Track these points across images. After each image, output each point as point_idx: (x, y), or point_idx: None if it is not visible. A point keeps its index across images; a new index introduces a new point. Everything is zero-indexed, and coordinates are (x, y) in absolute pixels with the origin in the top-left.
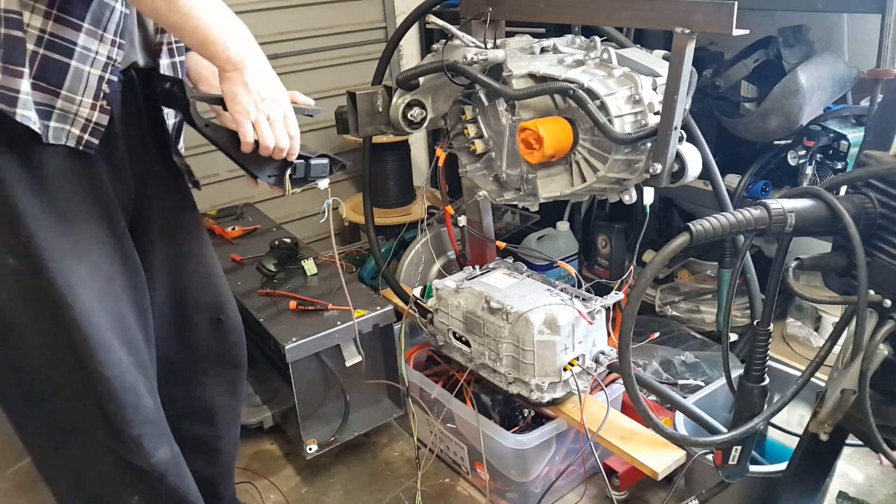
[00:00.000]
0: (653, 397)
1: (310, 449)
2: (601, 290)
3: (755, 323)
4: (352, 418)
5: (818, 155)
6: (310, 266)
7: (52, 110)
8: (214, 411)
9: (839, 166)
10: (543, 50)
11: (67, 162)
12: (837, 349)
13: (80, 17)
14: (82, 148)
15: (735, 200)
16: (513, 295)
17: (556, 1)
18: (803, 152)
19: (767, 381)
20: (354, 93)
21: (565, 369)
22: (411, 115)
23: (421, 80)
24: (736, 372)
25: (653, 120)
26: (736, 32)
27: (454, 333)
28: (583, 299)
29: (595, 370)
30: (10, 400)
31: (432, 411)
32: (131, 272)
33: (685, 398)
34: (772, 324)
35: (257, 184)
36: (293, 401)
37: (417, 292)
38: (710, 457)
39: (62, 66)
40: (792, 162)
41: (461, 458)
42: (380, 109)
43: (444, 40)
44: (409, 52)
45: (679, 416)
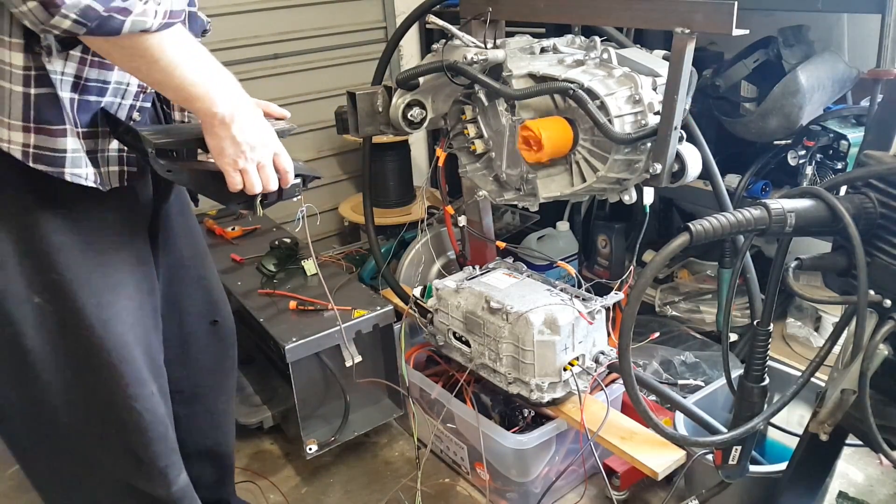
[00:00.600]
0: (653, 397)
1: (310, 449)
2: (601, 290)
3: (755, 323)
4: (352, 418)
5: (818, 155)
6: (310, 266)
7: (97, 154)
8: (217, 420)
9: (839, 166)
10: (543, 50)
11: (97, 192)
12: (837, 349)
13: None
14: (126, 182)
15: (735, 200)
16: (513, 295)
17: (556, 1)
18: (803, 152)
19: (767, 381)
20: (354, 93)
21: (565, 369)
22: (411, 115)
23: (421, 80)
24: (736, 372)
25: (653, 120)
26: (736, 32)
27: (454, 333)
28: (583, 299)
29: (595, 370)
30: (22, 443)
31: (432, 411)
32: (154, 297)
33: (685, 398)
34: (772, 324)
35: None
36: (293, 401)
37: (417, 292)
38: (710, 457)
39: (95, 105)
40: (792, 162)
41: (461, 458)
42: (380, 109)
43: (444, 40)
44: (409, 52)
45: (679, 416)
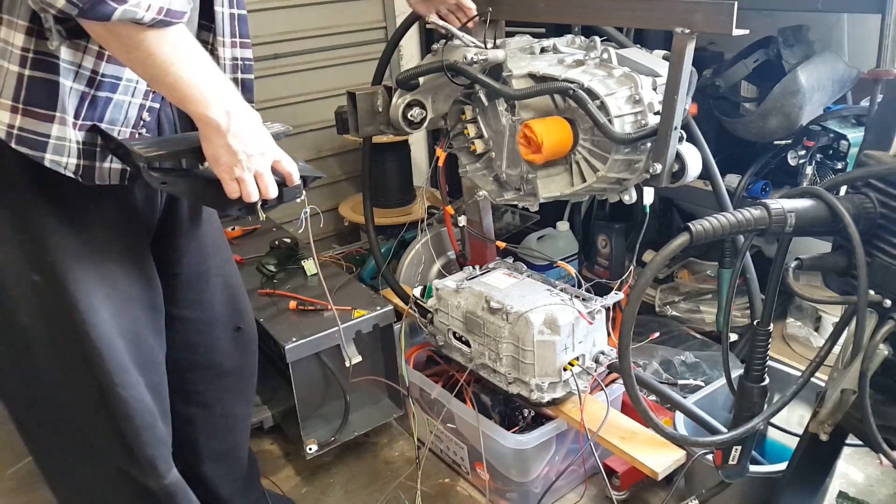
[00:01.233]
0: (653, 397)
1: (310, 449)
2: (601, 290)
3: (755, 323)
4: (352, 418)
5: (818, 155)
6: (310, 266)
7: (95, 149)
8: (234, 423)
9: (839, 166)
10: (543, 50)
11: (95, 185)
12: (837, 349)
13: None
14: (126, 182)
15: (735, 200)
16: (513, 295)
17: (556, 1)
18: (803, 152)
19: (767, 381)
20: (354, 93)
21: (565, 369)
22: (411, 115)
23: (421, 80)
24: (736, 372)
25: (653, 120)
26: (736, 32)
27: (454, 333)
28: (583, 299)
29: (595, 370)
30: (25, 418)
31: (432, 411)
32: (151, 294)
33: (685, 398)
34: (772, 324)
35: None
36: (293, 401)
37: (417, 292)
38: (710, 457)
39: (106, 102)
40: (792, 162)
41: (461, 458)
42: (380, 109)
43: (444, 40)
44: (409, 52)
45: (679, 416)
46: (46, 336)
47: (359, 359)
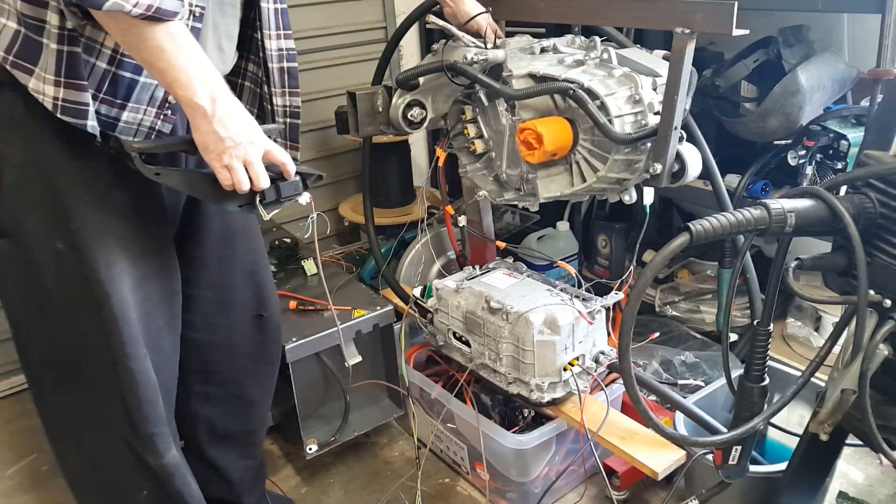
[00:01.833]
0: (653, 397)
1: (310, 449)
2: (601, 290)
3: (755, 323)
4: (352, 418)
5: (818, 155)
6: (310, 266)
7: (118, 123)
8: (251, 408)
9: (839, 166)
10: (543, 50)
11: (121, 164)
12: (837, 349)
13: None
14: (145, 157)
15: (735, 200)
16: (513, 295)
17: (556, 1)
18: (803, 152)
19: (767, 381)
20: (354, 93)
21: (565, 369)
22: (411, 115)
23: (421, 80)
24: (736, 372)
25: (653, 120)
26: (736, 32)
27: (454, 333)
28: (583, 299)
29: (595, 370)
30: (40, 378)
31: (432, 411)
32: (167, 275)
33: (685, 398)
34: (772, 324)
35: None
36: (293, 401)
37: (417, 292)
38: (710, 457)
39: (131, 83)
40: (792, 162)
41: (461, 458)
42: (380, 109)
43: (444, 40)
44: (409, 52)
45: (679, 416)
46: (66, 301)
47: (359, 359)
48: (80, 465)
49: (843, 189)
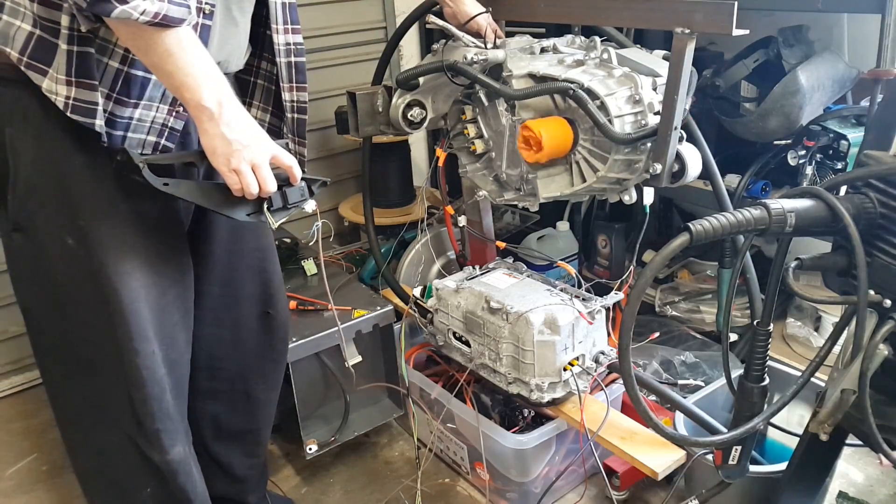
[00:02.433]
0: (653, 397)
1: (310, 449)
2: (601, 290)
3: (755, 323)
4: (352, 418)
5: (818, 155)
6: (310, 266)
7: (131, 122)
8: (256, 405)
9: (839, 166)
10: (543, 50)
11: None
12: (837, 349)
13: None
14: (159, 153)
15: (735, 200)
16: (513, 295)
17: (556, 1)
18: (803, 152)
19: (767, 381)
20: (354, 93)
21: (565, 369)
22: (411, 115)
23: (421, 80)
24: (736, 372)
25: (653, 120)
26: (736, 32)
27: (454, 333)
28: (583, 299)
29: (595, 370)
30: (50, 370)
31: (432, 411)
32: (181, 271)
33: (685, 398)
34: (772, 324)
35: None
36: (293, 401)
37: (417, 292)
38: (710, 457)
39: (144, 81)
40: (792, 162)
41: (461, 458)
42: (380, 109)
43: (444, 40)
44: (409, 52)
45: (679, 416)
46: (77, 295)
47: (359, 359)
48: (87, 460)
49: (843, 189)
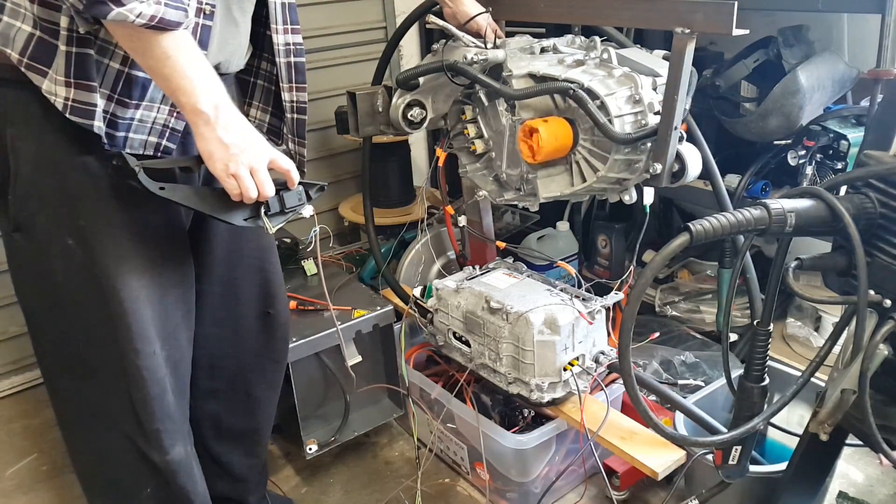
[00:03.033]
0: (653, 397)
1: (310, 449)
2: (601, 290)
3: (755, 323)
4: (352, 418)
5: (818, 155)
6: (310, 266)
7: (132, 123)
8: (256, 405)
9: (839, 166)
10: (543, 50)
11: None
12: (837, 349)
13: None
14: (161, 154)
15: (735, 200)
16: (513, 295)
17: (556, 1)
18: (803, 152)
19: (767, 381)
20: (354, 93)
21: (565, 369)
22: (411, 115)
23: (421, 80)
24: (736, 372)
25: (653, 120)
26: (736, 32)
27: (454, 333)
28: (583, 299)
29: (595, 370)
30: (51, 370)
31: (432, 411)
32: (182, 271)
33: (685, 398)
34: (772, 324)
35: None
36: (293, 401)
37: (417, 292)
38: (710, 457)
39: (145, 82)
40: (792, 162)
41: (461, 458)
42: (380, 109)
43: (444, 40)
44: (409, 52)
45: (679, 416)
46: (77, 296)
47: (359, 359)
48: (88, 460)
49: (843, 189)
